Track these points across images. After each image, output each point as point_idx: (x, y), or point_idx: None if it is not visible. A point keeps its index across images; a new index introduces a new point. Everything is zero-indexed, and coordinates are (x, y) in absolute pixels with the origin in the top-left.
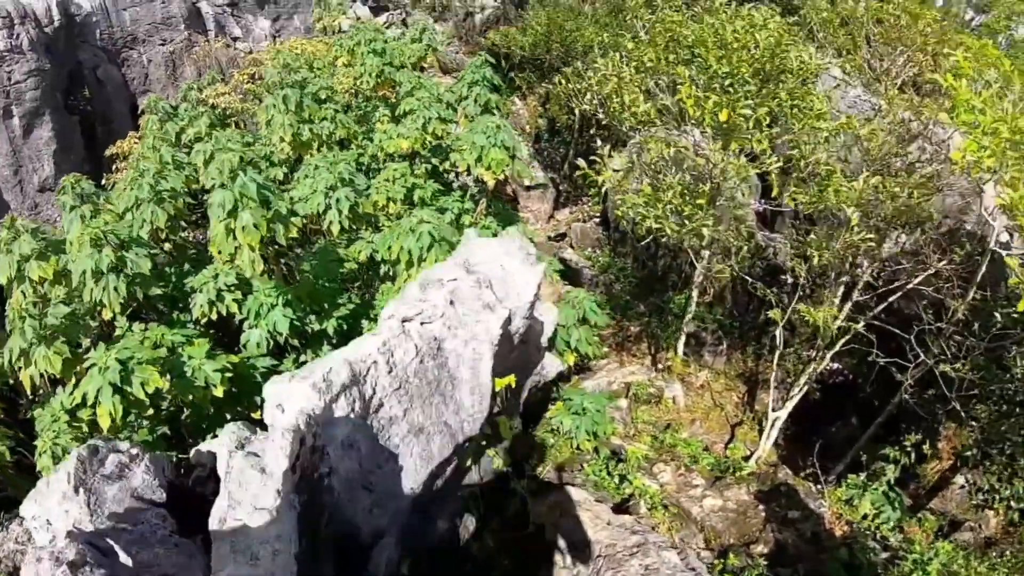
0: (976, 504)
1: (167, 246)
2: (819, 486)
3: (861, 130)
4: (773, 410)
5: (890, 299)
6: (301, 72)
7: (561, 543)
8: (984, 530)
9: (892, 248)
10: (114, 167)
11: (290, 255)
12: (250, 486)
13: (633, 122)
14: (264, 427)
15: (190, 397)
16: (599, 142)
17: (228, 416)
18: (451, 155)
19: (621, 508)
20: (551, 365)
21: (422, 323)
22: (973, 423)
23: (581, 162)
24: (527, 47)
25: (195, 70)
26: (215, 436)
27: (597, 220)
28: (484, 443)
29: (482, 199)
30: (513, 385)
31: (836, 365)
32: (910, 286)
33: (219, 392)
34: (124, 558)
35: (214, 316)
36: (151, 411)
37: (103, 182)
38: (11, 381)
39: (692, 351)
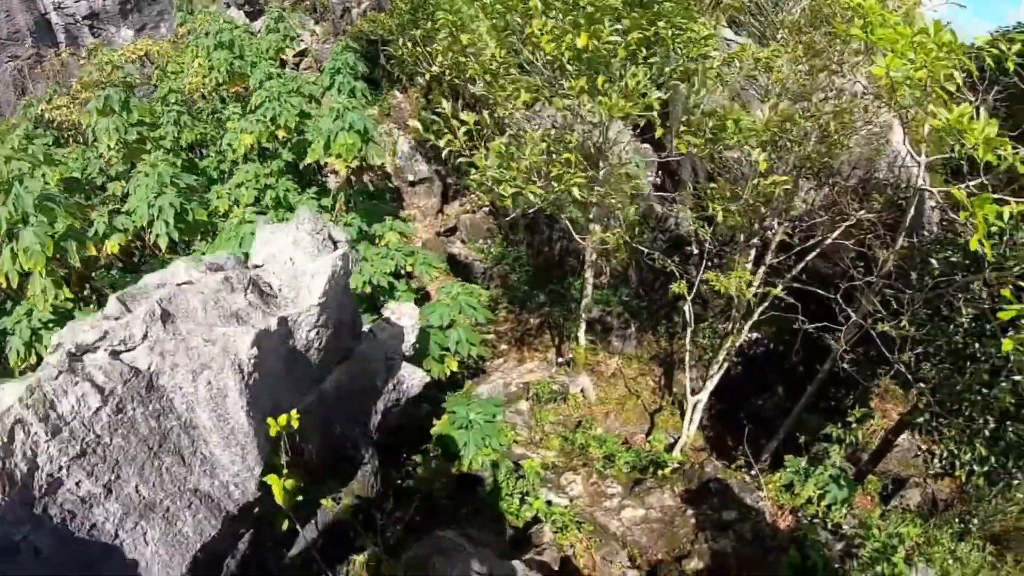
0: (935, 473)
1: None
2: (753, 472)
3: (759, 54)
4: (693, 392)
5: (808, 257)
6: (126, 68)
7: None
8: (930, 485)
9: (802, 207)
10: None
11: (106, 278)
12: None
13: (480, 72)
14: None
15: None
16: (444, 103)
17: None
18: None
19: (523, 537)
20: (411, 378)
21: (114, 353)
22: (921, 384)
23: (413, 123)
24: (394, 30)
25: (46, 87)
26: None
27: (487, 210)
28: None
29: (340, 194)
30: (296, 424)
31: (755, 335)
32: (829, 241)
33: None
34: None
35: (33, 360)
36: None
37: None
38: None
39: (599, 338)
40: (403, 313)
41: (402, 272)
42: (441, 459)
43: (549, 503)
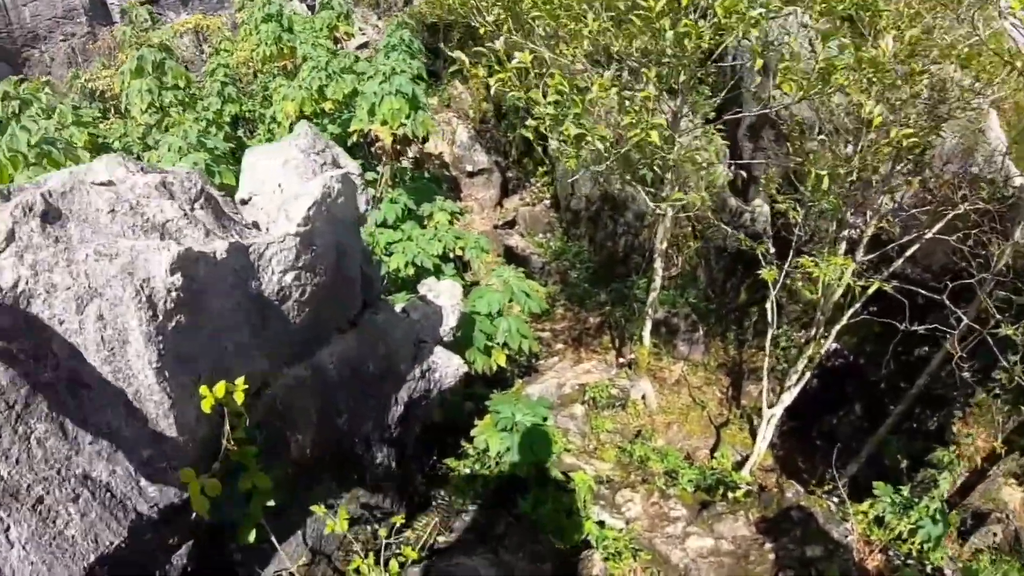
0: None
1: None
2: (838, 502)
3: None
4: (768, 406)
5: (909, 251)
6: (162, 33)
7: None
8: (1013, 521)
9: (893, 203)
10: None
11: None
12: None
13: (540, 3)
14: None
15: None
16: (496, 43)
17: None
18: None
19: (568, 562)
20: (446, 366)
21: None
22: None
23: (459, 54)
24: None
25: (99, 65)
26: None
27: (547, 203)
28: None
29: (386, 168)
30: (241, 397)
31: (834, 345)
32: (931, 233)
33: None
34: None
35: None
36: None
37: None
38: None
39: (663, 341)
40: (442, 291)
41: (451, 256)
42: (478, 465)
43: (601, 524)
